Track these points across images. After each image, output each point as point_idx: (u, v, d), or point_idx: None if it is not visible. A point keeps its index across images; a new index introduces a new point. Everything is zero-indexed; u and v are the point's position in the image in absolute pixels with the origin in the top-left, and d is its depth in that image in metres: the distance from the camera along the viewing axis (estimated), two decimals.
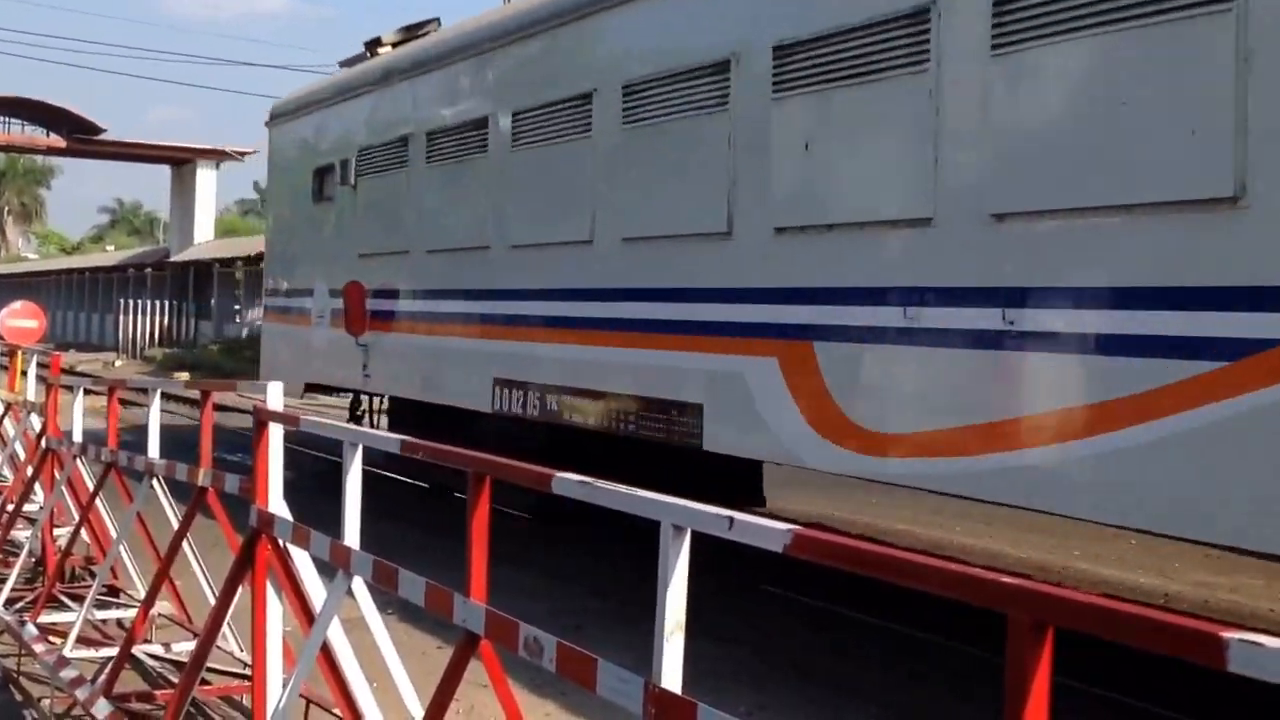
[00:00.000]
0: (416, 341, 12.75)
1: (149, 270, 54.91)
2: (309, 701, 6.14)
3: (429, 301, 12.59)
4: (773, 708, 6.96)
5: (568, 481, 3.40)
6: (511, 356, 10.99)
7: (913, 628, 8.34)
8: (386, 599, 4.98)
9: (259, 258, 46.22)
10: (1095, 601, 2.18)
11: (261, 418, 5.37)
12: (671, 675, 3.06)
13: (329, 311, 14.69)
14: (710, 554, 3.68)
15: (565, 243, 10.38)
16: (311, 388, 16.51)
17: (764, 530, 2.81)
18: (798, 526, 2.75)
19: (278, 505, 5.35)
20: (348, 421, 14.57)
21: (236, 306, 49.48)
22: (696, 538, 3.07)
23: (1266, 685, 1.93)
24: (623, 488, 3.19)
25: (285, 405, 5.59)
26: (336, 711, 5.48)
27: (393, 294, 13.32)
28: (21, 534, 9.96)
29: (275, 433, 5.39)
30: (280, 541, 5.24)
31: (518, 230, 10.99)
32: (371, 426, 15.34)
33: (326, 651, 5.05)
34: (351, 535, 4.71)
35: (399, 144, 13.16)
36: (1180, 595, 9.84)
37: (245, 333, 43.92)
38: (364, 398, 15.99)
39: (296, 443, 16.13)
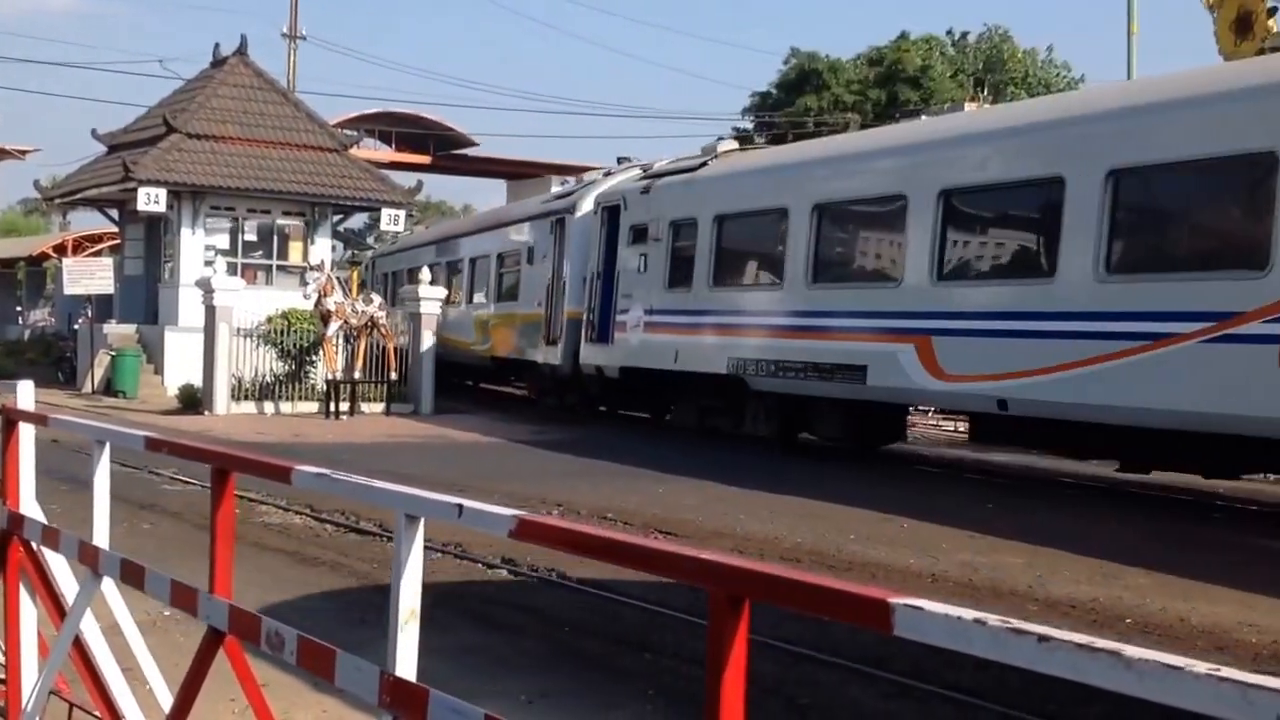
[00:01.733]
0: None
1: None
2: (71, 705, 5.98)
3: None
4: (553, 694, 7.04)
5: (305, 474, 3.41)
6: None
7: (692, 615, 8.51)
8: None
9: (41, 258, 44.76)
10: (784, 574, 2.30)
11: (10, 417, 5.21)
12: (406, 663, 3.10)
13: None
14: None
15: None
16: None
17: (490, 516, 2.87)
18: (523, 513, 2.82)
19: (29, 506, 5.20)
20: None
21: (19, 308, 47.65)
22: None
23: None
24: (357, 478, 3.22)
25: None
26: (97, 713, 5.36)
27: None
28: None
29: (25, 433, 5.23)
30: (33, 543, 5.09)
31: None
32: None
33: (85, 654, 4.93)
34: (101, 535, 4.61)
35: None
36: (946, 574, 10.27)
37: (28, 334, 42.36)
38: None
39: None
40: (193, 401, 25.92)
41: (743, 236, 20.74)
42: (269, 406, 26.28)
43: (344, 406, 25.90)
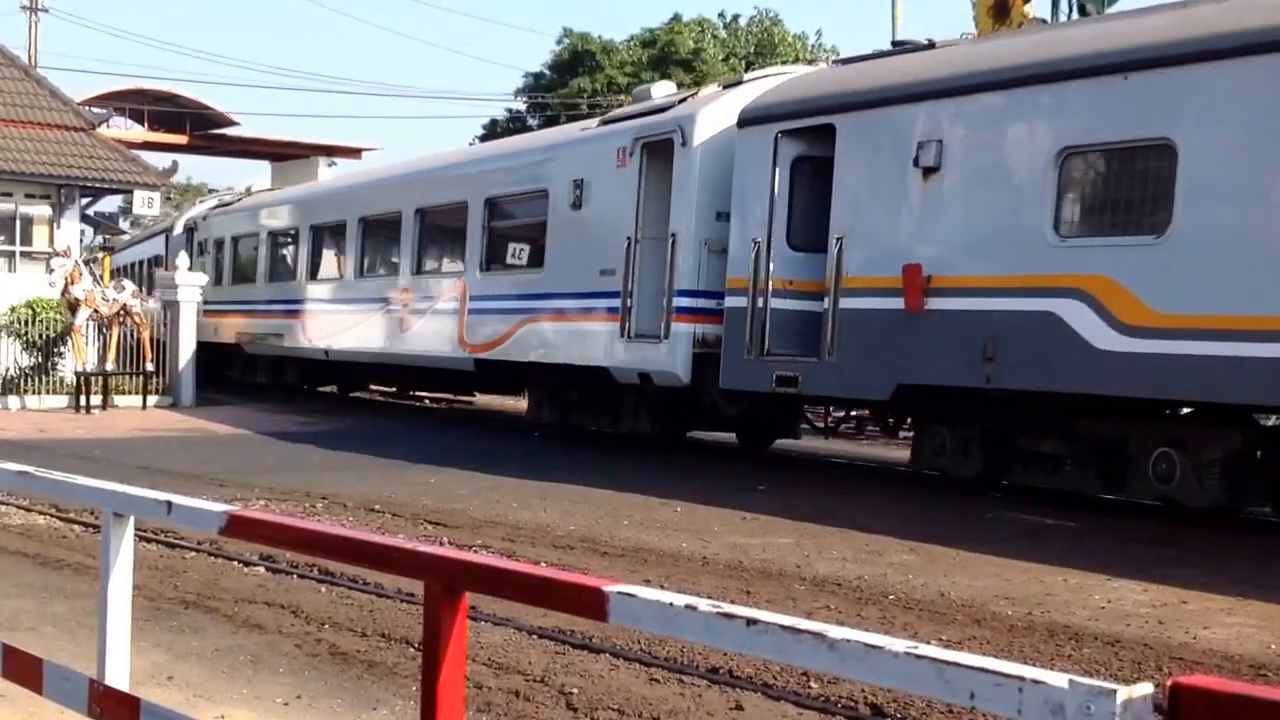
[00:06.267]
0: None
1: None
2: None
3: None
4: (311, 695, 6.82)
5: (4, 473, 3.17)
6: None
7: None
8: None
9: None
10: (502, 566, 2.22)
11: None
12: (118, 671, 2.91)
13: None
14: None
15: None
16: None
17: (201, 513, 2.70)
18: (234, 509, 2.66)
19: None
20: None
21: None
22: None
23: None
24: (58, 475, 3.00)
25: None
26: None
27: None
28: None
29: None
30: None
31: None
32: None
33: None
34: None
35: None
36: (717, 557, 10.38)
37: None
38: None
39: None
40: None
41: (245, 251, 31.44)
42: (13, 401, 25.01)
43: (96, 400, 24.80)
